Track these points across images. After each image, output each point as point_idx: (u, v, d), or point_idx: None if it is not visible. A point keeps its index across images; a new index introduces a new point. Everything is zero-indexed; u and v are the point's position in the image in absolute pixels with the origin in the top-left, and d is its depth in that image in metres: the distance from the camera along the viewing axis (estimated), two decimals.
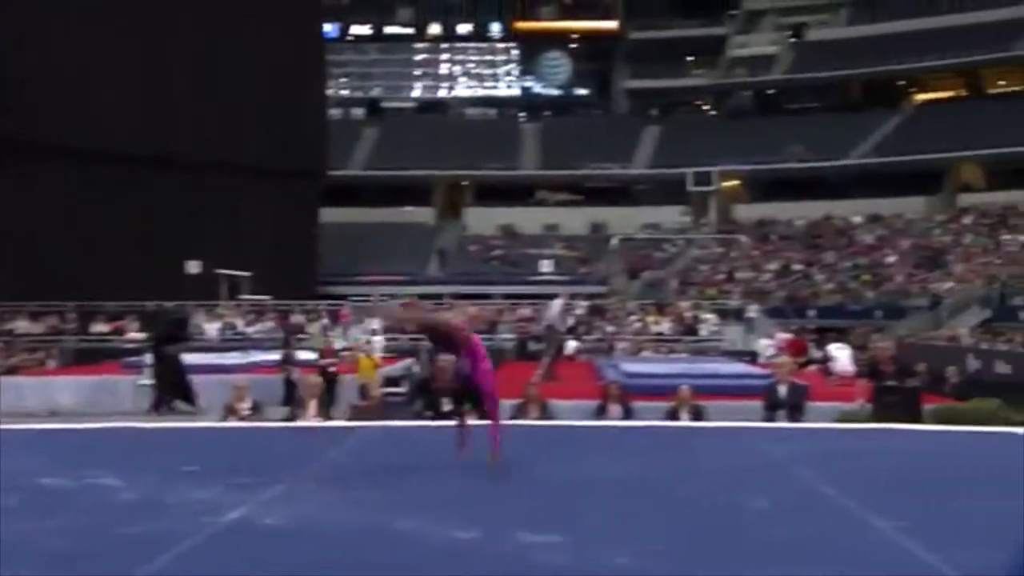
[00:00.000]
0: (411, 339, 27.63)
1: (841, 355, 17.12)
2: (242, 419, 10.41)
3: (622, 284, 42.99)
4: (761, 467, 7.15)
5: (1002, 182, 44.36)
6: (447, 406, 11.17)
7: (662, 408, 12.70)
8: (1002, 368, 19.23)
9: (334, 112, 52.64)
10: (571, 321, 22.72)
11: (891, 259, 40.13)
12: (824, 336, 29.67)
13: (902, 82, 51.25)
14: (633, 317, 31.37)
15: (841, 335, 32.33)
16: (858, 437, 9.19)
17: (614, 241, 35.42)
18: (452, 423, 6.36)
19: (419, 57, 59.93)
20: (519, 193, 51.68)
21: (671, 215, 48.92)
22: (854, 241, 43.73)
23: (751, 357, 23.40)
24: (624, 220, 46.67)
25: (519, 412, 11.69)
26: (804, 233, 46.31)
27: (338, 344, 20.70)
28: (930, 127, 45.92)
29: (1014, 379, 18.52)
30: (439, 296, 35.35)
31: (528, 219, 50.25)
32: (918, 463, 7.32)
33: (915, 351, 22.46)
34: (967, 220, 41.99)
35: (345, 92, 59.17)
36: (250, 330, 27.68)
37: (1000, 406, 13.04)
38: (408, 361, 19.88)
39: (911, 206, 44.99)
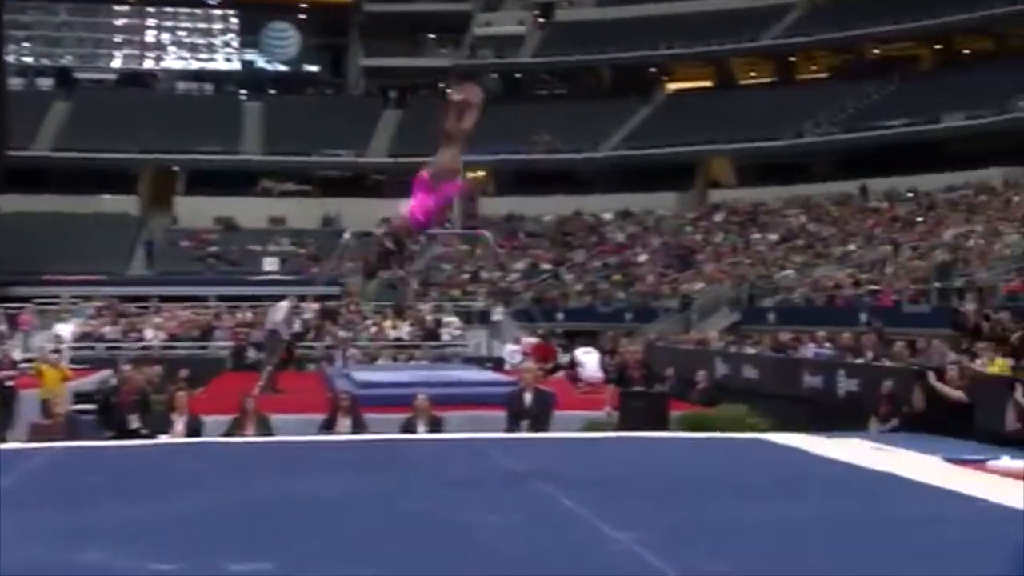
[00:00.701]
0: (108, 348, 26.48)
1: (589, 360, 17.85)
2: None
3: (357, 284, 42.91)
4: (499, 480, 7.33)
5: (751, 178, 47.53)
6: (133, 424, 10.79)
7: (398, 420, 12.84)
8: (749, 372, 20.58)
9: (16, 82, 49.66)
10: (298, 326, 22.55)
11: (642, 258, 42.09)
12: (573, 340, 30.77)
13: (653, 69, 53.89)
14: (369, 321, 31.46)
15: (591, 339, 33.63)
16: (602, 447, 9.62)
17: (348, 236, 35.25)
18: (139, 442, 6.17)
19: (120, 22, 57.50)
20: (240, 181, 50.57)
21: None
22: (604, 239, 45.56)
23: (496, 363, 23.95)
24: (360, 213, 46.60)
25: (235, 428, 11.48)
26: (553, 230, 47.83)
27: (17, 354, 19.61)
28: (681, 118, 48.55)
29: (761, 384, 19.89)
30: (144, 299, 34.04)
31: (250, 211, 49.25)
32: (661, 472, 7.72)
33: (665, 355, 23.67)
34: (717, 218, 44.66)
35: (29, 59, 55.93)
36: None
37: (747, 412, 14.01)
38: (104, 373, 19.08)
39: (662, 202, 47.38)
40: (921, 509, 6.25)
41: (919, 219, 35.77)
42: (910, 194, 39.66)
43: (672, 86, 53.63)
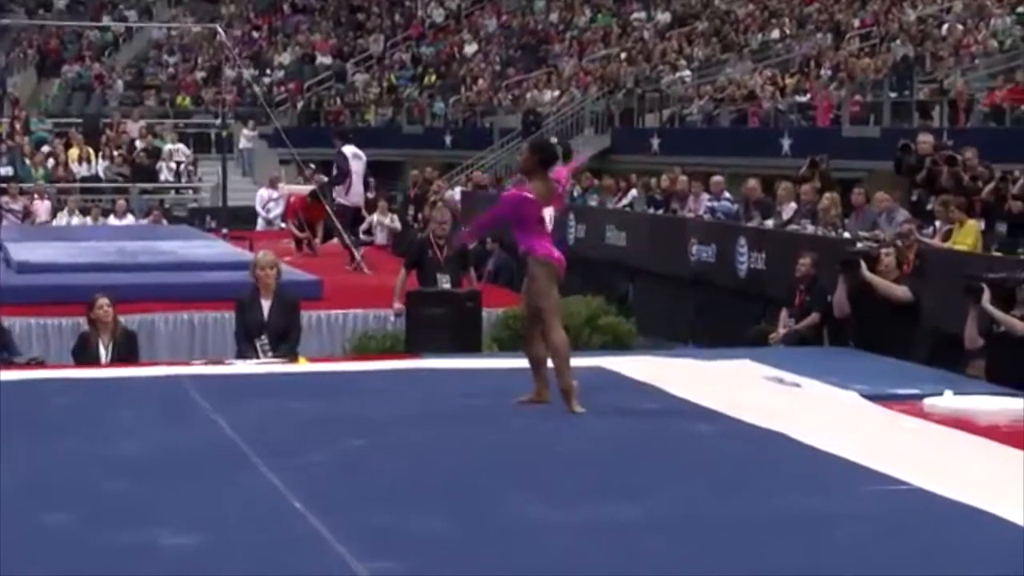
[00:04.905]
0: None
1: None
2: None
3: (28, 85, 41.80)
4: (194, 459, 7.36)
5: None
6: None
7: (74, 327, 12.62)
8: (615, 237, 20.73)
9: None
10: None
11: (471, 48, 41.89)
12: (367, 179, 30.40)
13: None
14: (45, 149, 30.76)
15: (391, 175, 33.45)
16: (364, 387, 9.68)
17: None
18: None
19: None
20: None
21: None
22: (414, 17, 45.21)
23: (234, 222, 23.49)
24: None
25: None
26: (336, 1, 47.19)
27: None
28: None
29: (631, 254, 20.12)
30: None
31: None
32: (431, 442, 7.88)
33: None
34: None
35: None
36: None
37: (601, 307, 14.26)
38: None
39: None
40: (806, 503, 6.49)
41: None
42: None
43: None
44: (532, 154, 9.06)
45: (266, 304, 11.48)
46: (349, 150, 18.93)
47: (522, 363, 8.99)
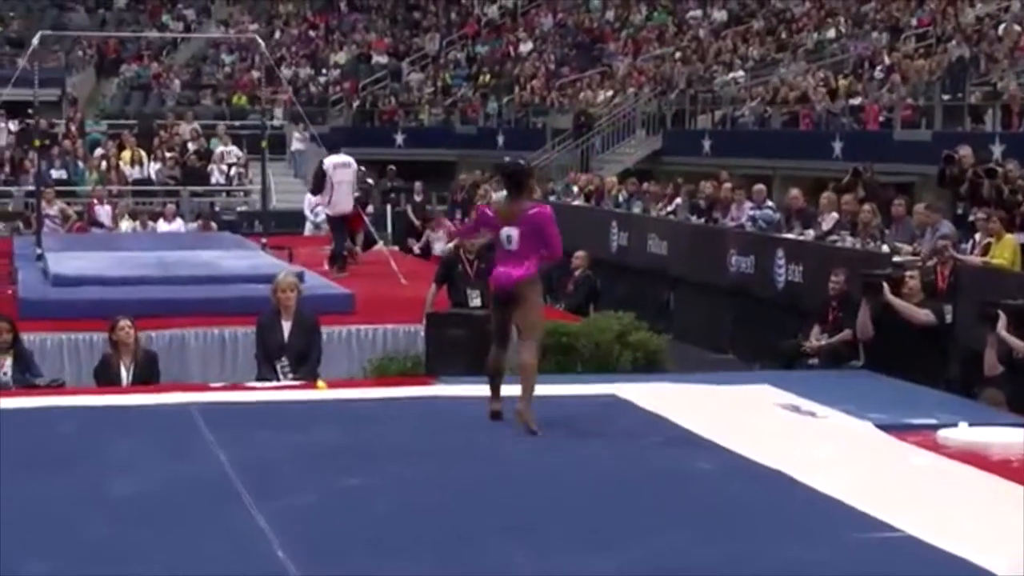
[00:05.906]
0: None
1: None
2: None
3: (87, 85, 41.93)
4: (180, 498, 7.32)
5: None
6: None
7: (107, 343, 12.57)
8: (656, 245, 20.66)
9: None
10: None
11: (526, 47, 41.76)
12: (412, 180, 30.35)
13: None
14: (99, 152, 30.75)
15: (442, 177, 33.39)
16: (389, 413, 9.60)
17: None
18: None
19: None
20: None
21: None
22: (470, 14, 45.13)
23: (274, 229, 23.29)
24: None
25: None
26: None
27: None
28: None
29: (672, 263, 20.07)
30: None
31: None
32: (427, 479, 7.80)
33: None
34: None
35: None
36: None
37: (632, 323, 14.04)
38: None
39: None
40: (791, 551, 6.40)
41: None
42: None
43: None
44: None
45: (286, 325, 11.46)
46: (329, 161, 18.62)
47: (538, 389, 8.98)
